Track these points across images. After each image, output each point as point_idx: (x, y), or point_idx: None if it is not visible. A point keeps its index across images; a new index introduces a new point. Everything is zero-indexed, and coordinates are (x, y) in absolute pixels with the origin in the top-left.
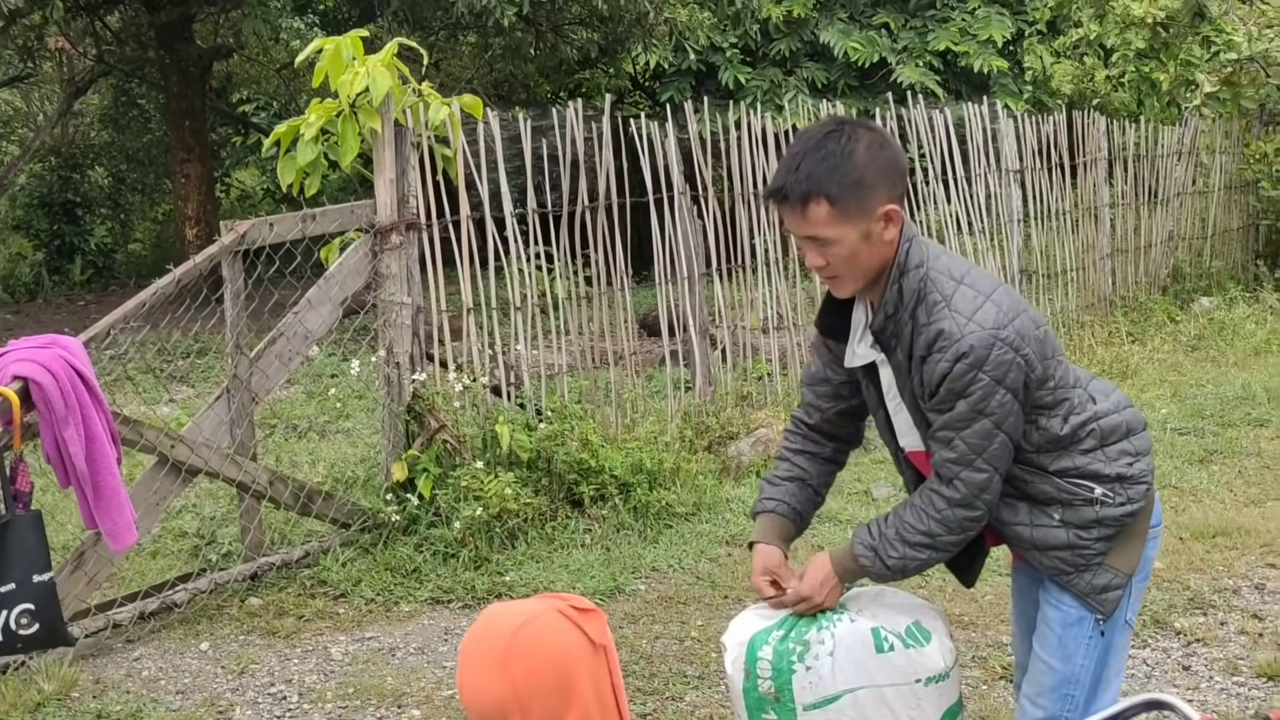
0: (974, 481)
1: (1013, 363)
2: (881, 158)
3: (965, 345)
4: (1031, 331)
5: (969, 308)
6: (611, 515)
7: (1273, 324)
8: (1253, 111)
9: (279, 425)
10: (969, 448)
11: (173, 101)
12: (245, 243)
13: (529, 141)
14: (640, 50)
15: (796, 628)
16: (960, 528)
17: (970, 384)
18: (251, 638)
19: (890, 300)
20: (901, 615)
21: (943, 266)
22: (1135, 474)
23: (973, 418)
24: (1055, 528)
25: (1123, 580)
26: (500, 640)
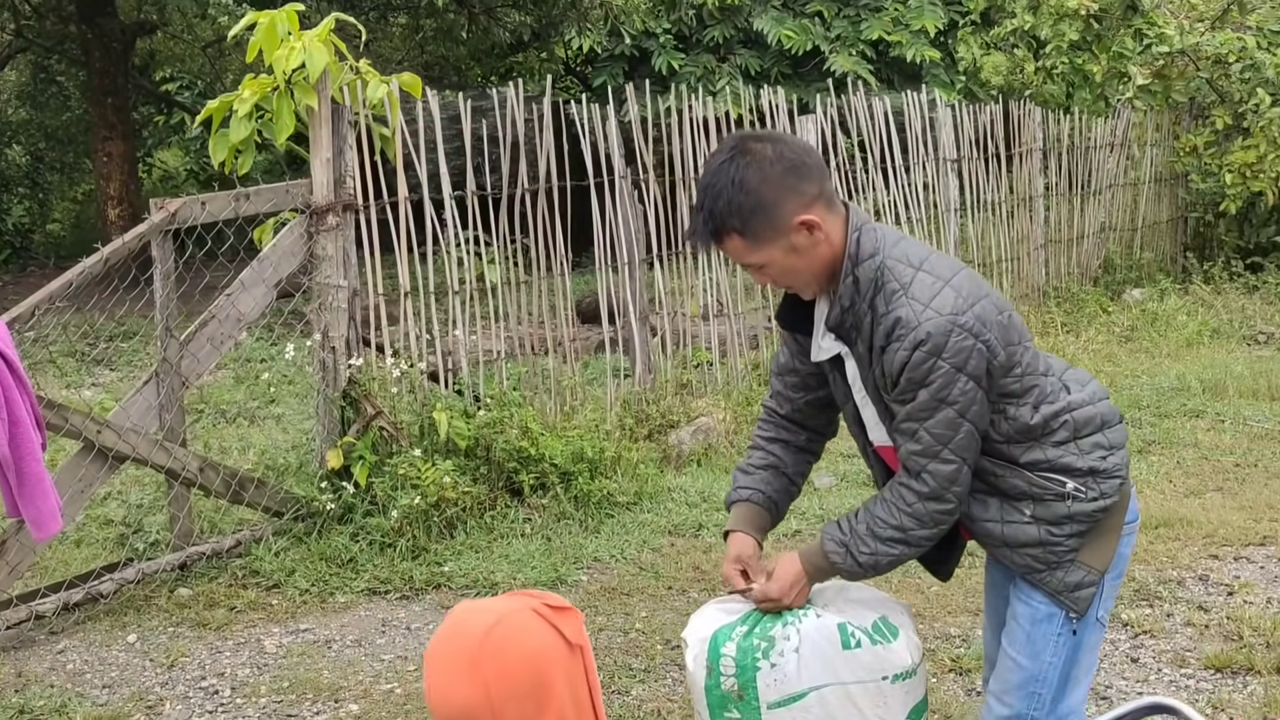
0: (942, 473)
1: (973, 349)
2: (777, 173)
3: (923, 333)
4: (993, 317)
5: (927, 294)
6: (552, 504)
7: (1203, 316)
8: (1183, 104)
9: (207, 410)
10: (934, 439)
11: (94, 78)
12: (176, 222)
13: (469, 123)
14: (574, 34)
15: (761, 623)
16: (932, 521)
17: (930, 372)
18: (181, 630)
19: (846, 293)
20: (868, 610)
21: (900, 253)
22: (1109, 468)
23: (935, 407)
24: (1026, 524)
25: (1095, 578)
26: (471, 640)
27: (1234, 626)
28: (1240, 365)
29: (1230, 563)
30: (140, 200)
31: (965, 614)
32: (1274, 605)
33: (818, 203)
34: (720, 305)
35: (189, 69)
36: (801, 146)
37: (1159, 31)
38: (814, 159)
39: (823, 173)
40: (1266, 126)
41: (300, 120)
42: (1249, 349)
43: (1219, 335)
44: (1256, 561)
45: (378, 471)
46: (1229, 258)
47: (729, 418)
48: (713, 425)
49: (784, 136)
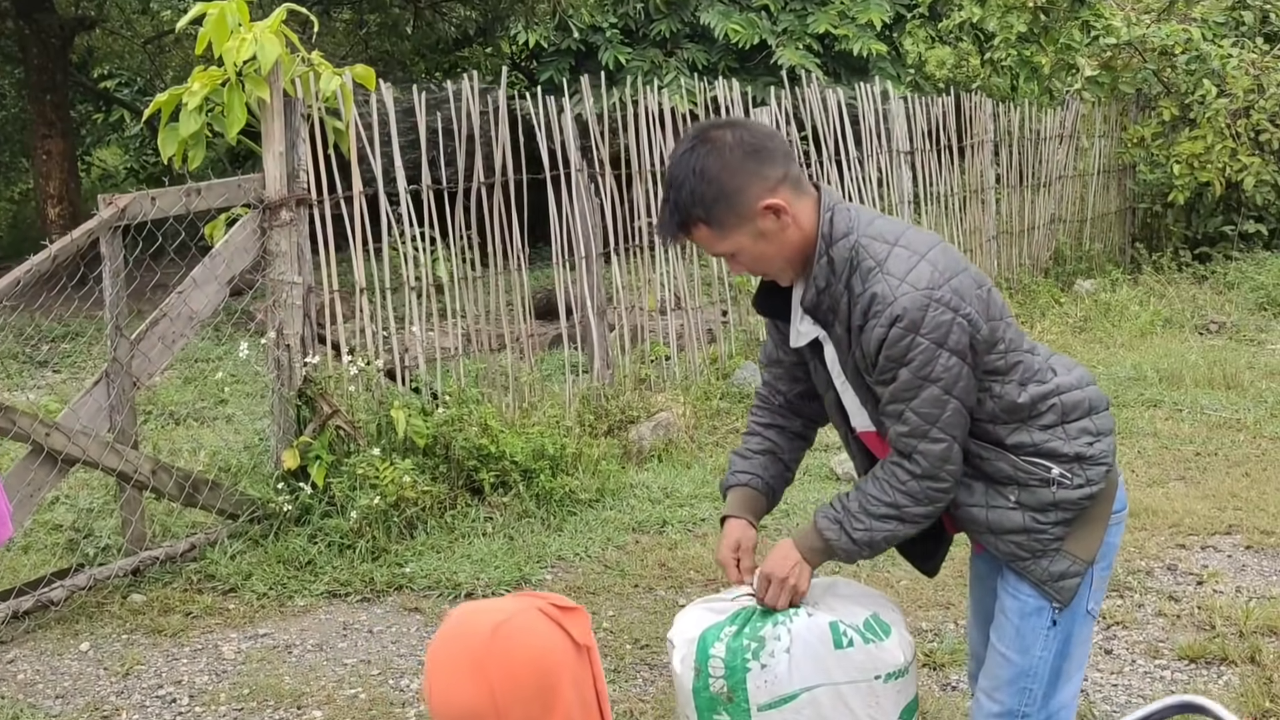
0: (933, 452)
1: (952, 323)
2: (737, 158)
3: (899, 308)
4: (972, 290)
5: (902, 269)
6: (513, 503)
7: (1155, 305)
8: (1130, 96)
9: (155, 411)
10: (921, 418)
11: (32, 75)
12: (125, 218)
13: (424, 116)
14: (520, 29)
15: (751, 623)
16: (927, 498)
17: (909, 349)
18: (135, 637)
19: (821, 274)
20: (859, 608)
21: (875, 231)
22: (1095, 454)
23: (919, 386)
24: (1011, 509)
25: (1081, 568)
26: (476, 641)
27: (1205, 616)
28: (1194, 354)
29: (1198, 552)
30: (80, 199)
31: (936, 608)
32: (1243, 594)
33: (783, 186)
34: (678, 299)
35: (128, 65)
36: (764, 131)
37: (1106, 23)
38: (776, 143)
39: (788, 156)
40: (1213, 118)
41: (252, 113)
42: (1201, 338)
43: (1171, 325)
44: (1223, 550)
45: (335, 471)
46: (1177, 248)
47: (689, 412)
48: (673, 420)
49: (746, 122)
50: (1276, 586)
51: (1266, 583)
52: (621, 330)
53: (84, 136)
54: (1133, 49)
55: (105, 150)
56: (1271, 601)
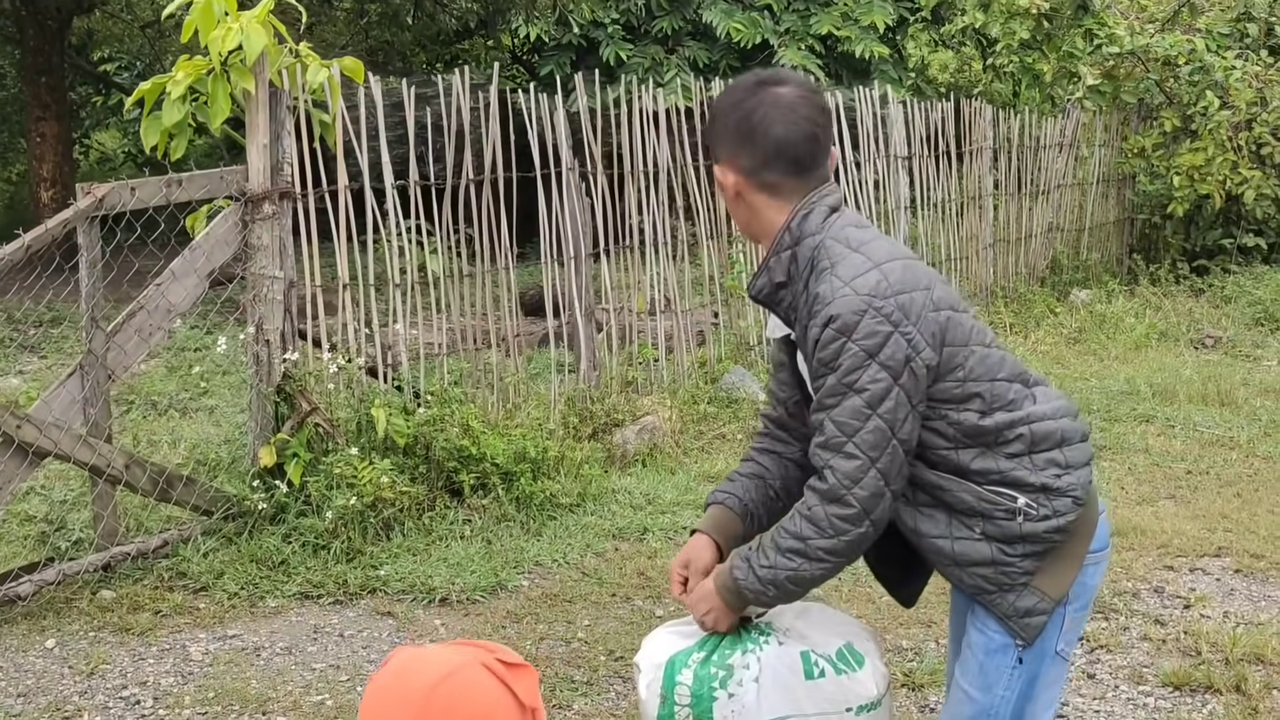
0: (843, 469)
1: (889, 337)
2: (732, 118)
3: (835, 309)
4: (925, 312)
5: (850, 273)
6: (493, 506)
7: (1151, 318)
8: (1131, 106)
9: (137, 402)
10: (837, 428)
11: (28, 57)
12: (104, 208)
13: (412, 110)
14: (521, 22)
15: (719, 650)
16: (831, 528)
17: (839, 354)
18: (103, 634)
19: (779, 268)
20: (833, 637)
21: (840, 235)
22: (1062, 487)
23: (842, 393)
24: (977, 540)
25: (1048, 605)
26: (415, 695)
27: (1191, 642)
28: (1189, 369)
29: (1186, 574)
30: (75, 182)
31: (917, 626)
32: (1231, 620)
33: (741, 168)
34: (667, 301)
35: (128, 49)
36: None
37: (1109, 32)
38: (761, 128)
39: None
40: (1215, 129)
41: (237, 104)
42: (1196, 353)
43: (1166, 338)
44: (1212, 573)
45: (312, 470)
46: (1175, 260)
47: (675, 416)
48: (658, 424)
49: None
50: (1265, 612)
51: (1255, 608)
52: (610, 331)
53: (83, 119)
54: (1136, 58)
55: (104, 133)
56: (1259, 628)
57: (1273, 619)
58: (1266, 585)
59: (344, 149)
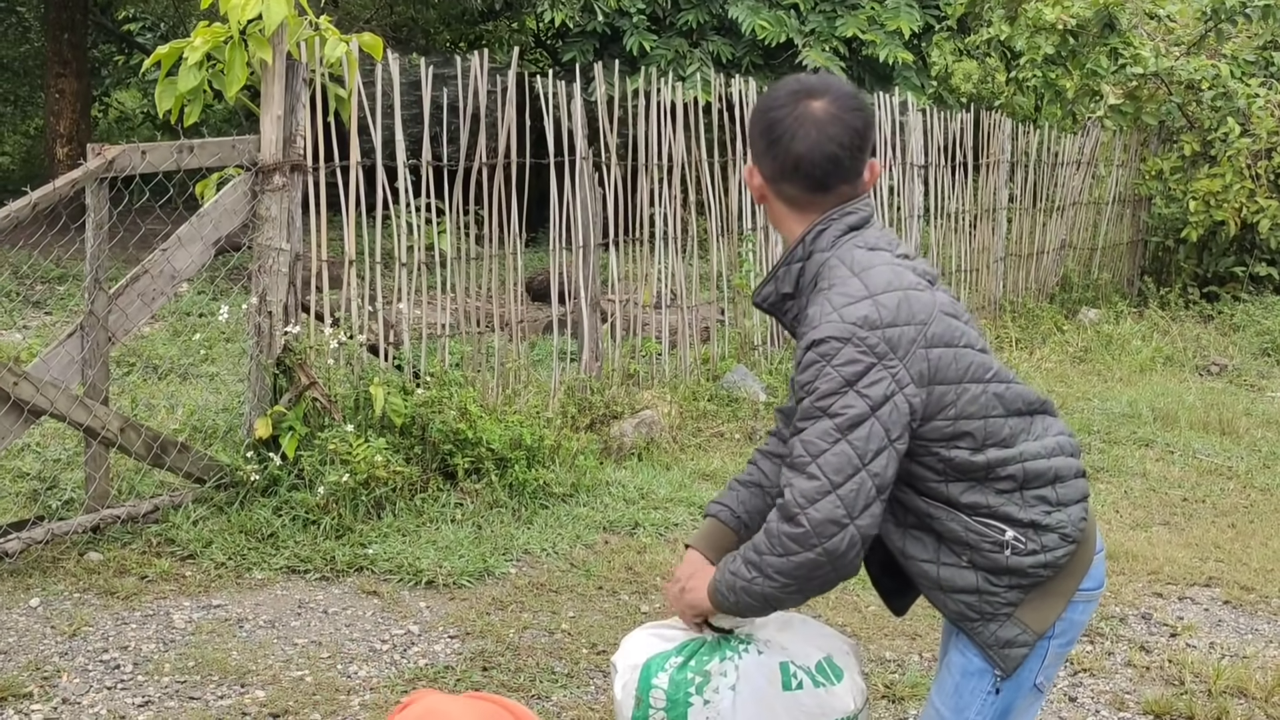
0: (801, 489)
1: (870, 368)
2: (761, 123)
3: (820, 334)
4: (914, 348)
5: (842, 300)
6: (485, 491)
7: (1158, 342)
8: (1152, 127)
9: (138, 364)
10: (804, 449)
11: (52, 12)
12: (113, 170)
13: (429, 90)
14: (547, 7)
15: (697, 655)
16: (781, 547)
17: (816, 376)
18: (87, 596)
19: (788, 278)
20: (813, 649)
21: (847, 256)
22: (1051, 524)
23: (815, 416)
24: (964, 568)
25: (1030, 638)
26: None
27: (1175, 670)
28: (1192, 395)
29: (1174, 602)
30: (91, 140)
31: (902, 638)
32: (1217, 651)
33: (765, 171)
34: (674, 295)
35: (152, 10)
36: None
37: (1134, 52)
38: (777, 136)
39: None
40: (1234, 156)
41: (254, 73)
42: (1201, 379)
43: (1172, 363)
44: (1200, 603)
45: (307, 445)
46: (1186, 285)
47: (674, 411)
48: (656, 419)
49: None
50: (1251, 646)
51: (1241, 641)
52: (614, 322)
53: (104, 77)
54: (1159, 80)
55: (125, 93)
56: (1245, 661)
57: (1259, 652)
58: (1255, 618)
59: (358, 125)
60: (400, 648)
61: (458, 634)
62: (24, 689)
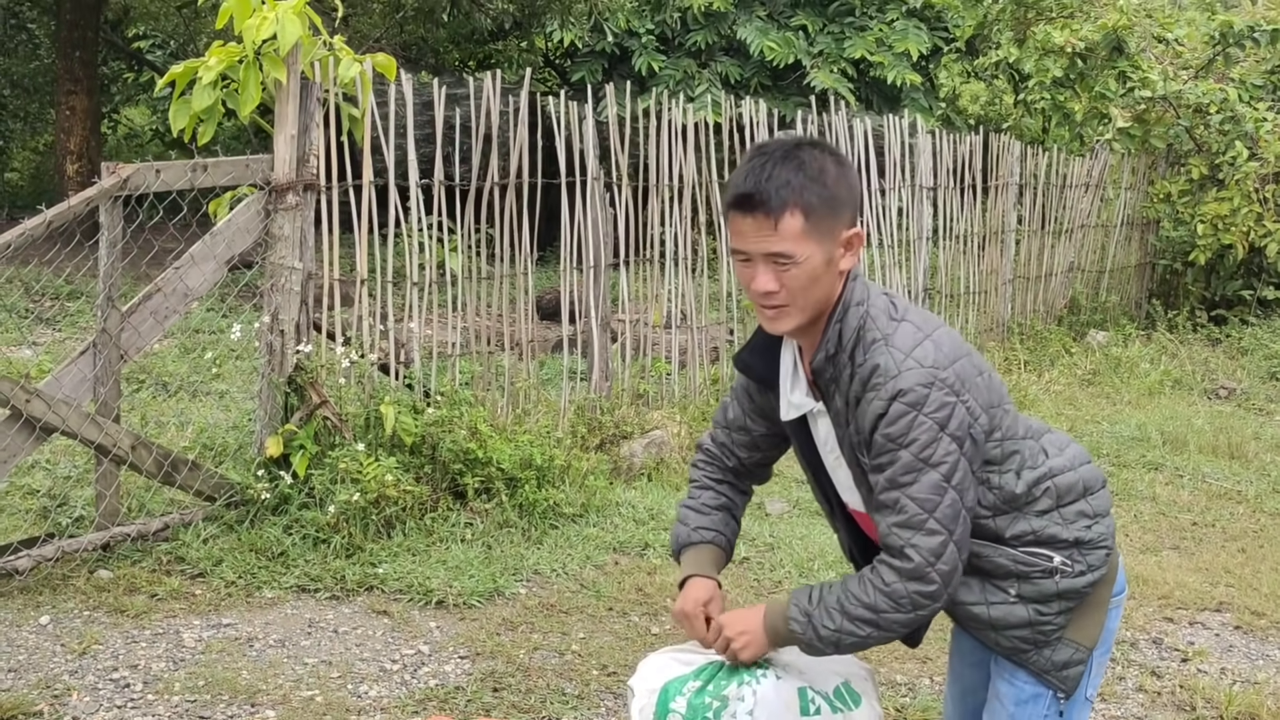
0: (926, 547)
1: (955, 407)
2: (847, 180)
3: (904, 383)
4: (974, 377)
5: (908, 344)
6: (496, 511)
7: (1166, 365)
8: (1160, 150)
9: (148, 381)
10: (919, 506)
11: (64, 29)
12: (128, 188)
13: (441, 110)
14: (556, 27)
15: (715, 680)
16: (911, 604)
17: (911, 428)
18: (98, 614)
19: (831, 338)
20: (831, 674)
21: (882, 305)
22: (1094, 538)
23: (919, 469)
24: (1013, 603)
25: (1084, 655)
26: None
27: (1187, 696)
28: (1201, 419)
29: (1185, 627)
30: (100, 157)
31: (912, 661)
32: (1228, 676)
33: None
34: (684, 315)
35: (163, 28)
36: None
37: (1143, 75)
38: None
39: None
40: (1242, 180)
41: (267, 93)
42: (1210, 403)
43: (1180, 386)
44: (1211, 628)
45: (318, 463)
46: (1194, 308)
47: (684, 432)
48: (666, 439)
49: (844, 157)
50: (1263, 671)
51: (1253, 666)
52: (624, 342)
53: (113, 94)
54: (1167, 104)
55: (134, 109)
56: (1256, 687)
57: (1270, 678)
58: (1266, 644)
59: (371, 145)
60: (411, 668)
61: (468, 654)
62: (34, 707)
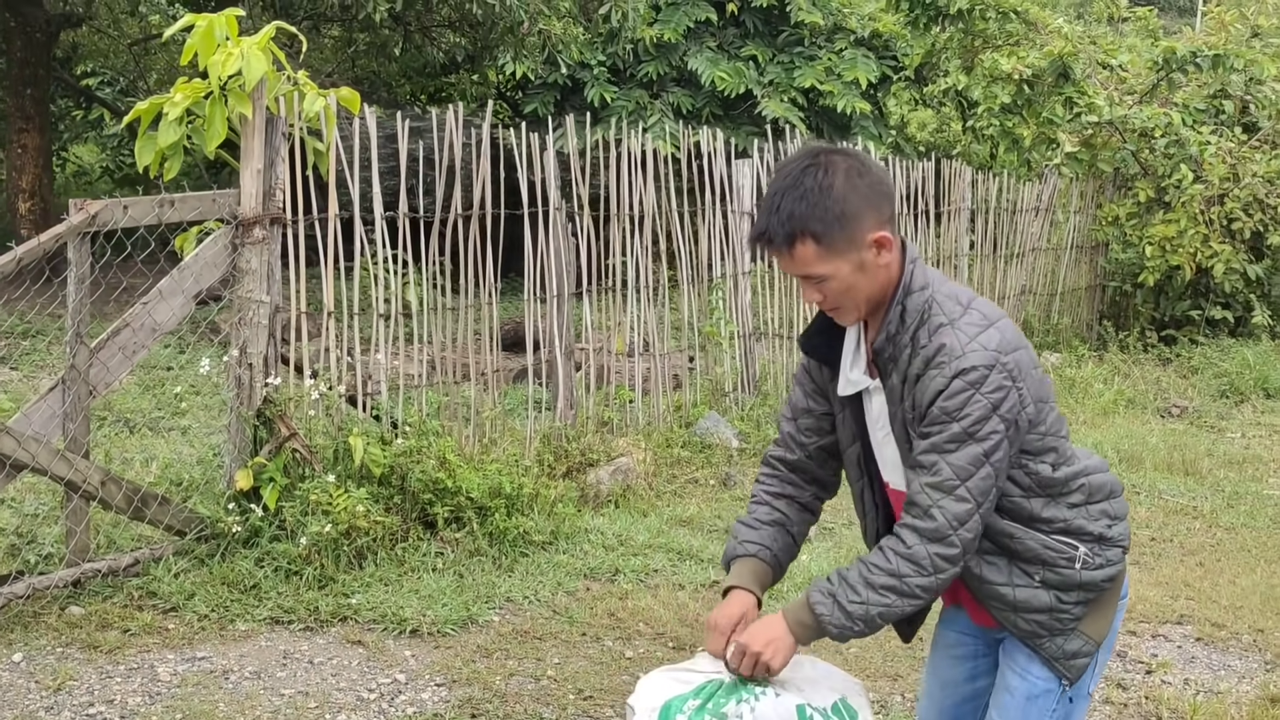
0: (953, 512)
1: (1010, 391)
2: (863, 185)
3: (967, 362)
4: (1030, 369)
5: (974, 329)
6: (466, 540)
7: (1119, 385)
8: (1107, 174)
9: (109, 419)
10: (954, 472)
11: (14, 68)
12: (96, 224)
13: (405, 142)
14: (509, 60)
15: (714, 698)
16: (932, 566)
17: (966, 404)
18: (71, 651)
19: (893, 320)
20: (829, 691)
21: (949, 291)
22: (1114, 536)
23: (963, 440)
24: (1037, 588)
25: (1091, 648)
26: None
27: (1152, 707)
28: (1155, 437)
29: (1148, 640)
30: (53, 195)
31: (884, 679)
32: (1191, 687)
33: (889, 224)
34: (646, 344)
35: (112, 65)
36: (879, 167)
37: (1089, 101)
38: (889, 182)
39: (893, 198)
40: (1188, 202)
41: (232, 129)
42: (1163, 421)
43: (1134, 405)
44: (1174, 640)
45: (288, 495)
46: (1144, 329)
47: (649, 459)
48: (632, 466)
49: (863, 154)
50: (1224, 681)
51: (1215, 676)
52: (588, 370)
53: (61, 132)
54: (1113, 128)
55: (82, 147)
56: (1219, 697)
57: (1232, 688)
58: (1227, 654)
59: (336, 178)
60: (387, 696)
61: (444, 682)
62: None
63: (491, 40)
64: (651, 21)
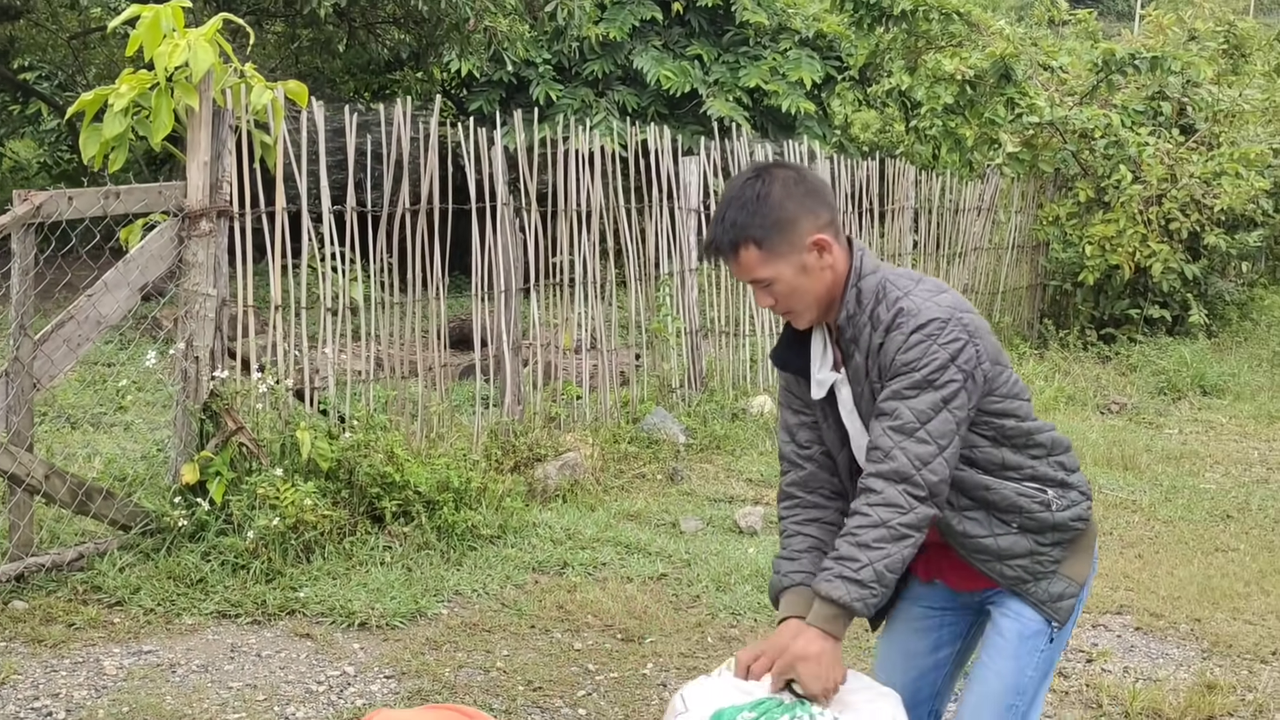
0: (914, 452)
1: (967, 344)
2: (799, 192)
3: (924, 318)
4: (985, 332)
5: (928, 293)
6: (414, 533)
7: (1060, 382)
8: (1048, 174)
9: (50, 414)
10: (914, 415)
11: None
12: (40, 215)
13: (353, 137)
14: (454, 57)
15: (770, 713)
16: (908, 504)
17: (925, 354)
18: (14, 645)
19: (850, 301)
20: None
21: (900, 272)
22: (1074, 483)
23: (923, 387)
24: (1016, 535)
25: (1075, 590)
26: None
27: (1093, 694)
28: (1095, 433)
29: (1089, 629)
30: None
31: None
32: (1131, 674)
33: (829, 229)
34: (593, 340)
35: (50, 59)
36: (818, 178)
37: (1030, 102)
38: (828, 190)
39: (835, 205)
40: (1127, 202)
41: (178, 120)
42: (1102, 418)
43: (1074, 402)
44: (1113, 630)
45: (235, 489)
46: (1084, 327)
47: (596, 454)
48: (580, 461)
49: (803, 167)
50: (1163, 669)
51: (1153, 665)
52: (535, 367)
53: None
54: (1054, 129)
55: (19, 142)
56: (1157, 684)
57: (1170, 675)
58: (1165, 643)
59: (283, 171)
60: (336, 688)
61: (393, 674)
62: None
63: (437, 37)
64: (597, 20)
